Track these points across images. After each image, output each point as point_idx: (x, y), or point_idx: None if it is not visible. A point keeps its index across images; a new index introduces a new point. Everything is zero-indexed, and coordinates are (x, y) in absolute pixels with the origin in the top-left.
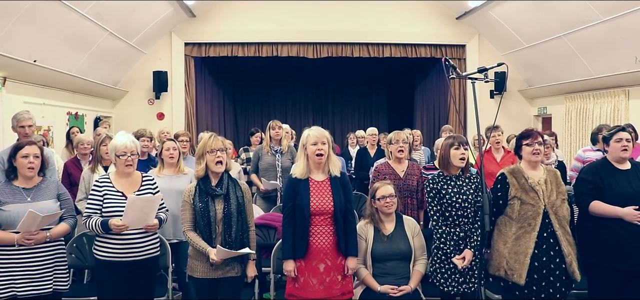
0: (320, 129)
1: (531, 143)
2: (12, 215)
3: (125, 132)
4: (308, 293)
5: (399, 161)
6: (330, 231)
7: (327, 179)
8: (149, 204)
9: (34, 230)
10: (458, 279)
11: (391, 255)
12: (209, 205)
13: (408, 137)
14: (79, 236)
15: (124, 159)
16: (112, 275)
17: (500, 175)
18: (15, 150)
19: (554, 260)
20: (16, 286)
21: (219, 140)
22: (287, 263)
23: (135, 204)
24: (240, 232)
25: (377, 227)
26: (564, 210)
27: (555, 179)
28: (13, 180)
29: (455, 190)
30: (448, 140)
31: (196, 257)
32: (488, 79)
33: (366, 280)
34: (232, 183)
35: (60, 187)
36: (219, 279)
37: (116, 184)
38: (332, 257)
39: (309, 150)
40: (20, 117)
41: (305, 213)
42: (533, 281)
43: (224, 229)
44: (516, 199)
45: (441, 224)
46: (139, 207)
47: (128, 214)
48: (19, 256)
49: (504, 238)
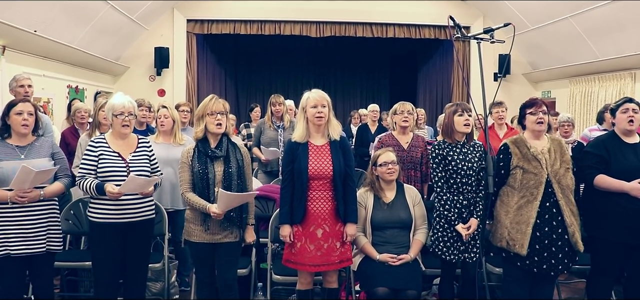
0: (320, 92)
1: (535, 111)
2: (6, 172)
3: (123, 93)
4: (305, 259)
5: (403, 132)
6: (329, 196)
7: (327, 143)
8: (149, 183)
9: (27, 188)
10: (459, 248)
11: (391, 223)
12: (207, 166)
13: (413, 109)
14: (75, 202)
15: (121, 119)
16: (107, 237)
17: (502, 145)
18: (8, 107)
19: (556, 231)
20: (10, 245)
21: (219, 103)
22: (283, 228)
23: (135, 181)
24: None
25: (377, 194)
26: (568, 180)
27: (559, 148)
28: (7, 138)
29: (461, 158)
30: (451, 108)
31: (193, 221)
32: (494, 39)
33: (365, 248)
34: (231, 146)
35: (54, 146)
36: (216, 243)
37: (112, 145)
38: (331, 223)
39: (309, 113)
40: (18, 77)
41: (304, 177)
42: (535, 252)
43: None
44: (518, 169)
45: (446, 191)
46: (139, 184)
47: (126, 186)
48: (13, 214)
49: (506, 208)
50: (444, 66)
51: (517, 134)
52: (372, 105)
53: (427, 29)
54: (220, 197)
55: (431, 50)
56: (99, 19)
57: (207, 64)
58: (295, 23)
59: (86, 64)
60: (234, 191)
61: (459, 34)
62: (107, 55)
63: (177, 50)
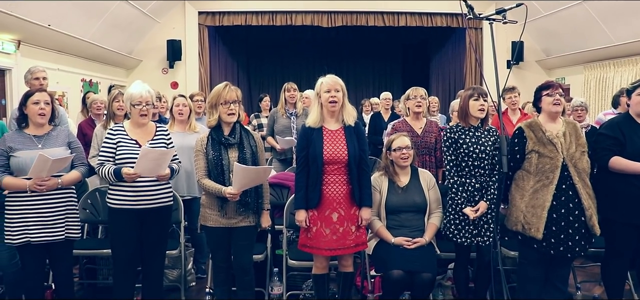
0: (334, 77)
1: (552, 93)
2: (24, 161)
3: (141, 82)
4: (321, 243)
5: (416, 117)
6: (344, 180)
7: (341, 128)
8: (162, 155)
9: (45, 176)
10: (471, 231)
11: (406, 207)
12: (221, 153)
13: (426, 94)
14: (92, 191)
15: (139, 109)
16: (125, 222)
17: (517, 129)
18: (25, 97)
19: (573, 213)
20: (30, 232)
21: (233, 92)
22: (299, 213)
23: (148, 154)
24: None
25: (391, 179)
26: (584, 163)
27: (575, 131)
28: (24, 128)
29: (473, 141)
30: (467, 92)
31: (209, 207)
32: (506, 20)
33: (380, 232)
34: (245, 132)
35: (71, 135)
36: (232, 228)
37: (130, 133)
38: (346, 207)
39: (323, 98)
40: (33, 69)
41: (319, 162)
42: (551, 234)
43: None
44: (534, 153)
45: (454, 175)
46: (152, 158)
47: (140, 164)
48: (32, 203)
49: (521, 192)
50: (456, 54)
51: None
52: (385, 93)
53: (439, 17)
54: (236, 172)
55: (443, 39)
56: (111, 12)
57: (219, 56)
58: (306, 13)
59: (99, 57)
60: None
61: (471, 14)
62: (120, 49)
63: (189, 43)
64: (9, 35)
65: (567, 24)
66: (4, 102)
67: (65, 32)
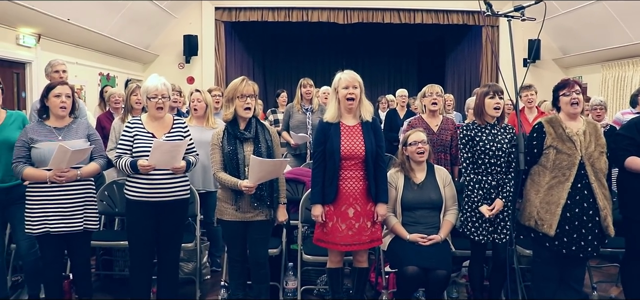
0: (352, 73)
1: (568, 92)
2: (44, 153)
3: (157, 75)
4: (336, 238)
5: (432, 115)
6: (360, 176)
7: (359, 124)
8: (175, 148)
9: (64, 167)
10: (488, 228)
11: (421, 203)
12: (237, 148)
13: (442, 91)
14: (109, 183)
15: (155, 102)
16: (141, 214)
17: (537, 124)
18: (47, 90)
19: (587, 213)
20: (49, 223)
21: (250, 86)
22: (315, 208)
23: (161, 147)
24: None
25: (407, 175)
26: (602, 163)
27: (595, 131)
28: (45, 120)
29: (490, 138)
30: (483, 89)
31: (225, 200)
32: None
33: (395, 228)
34: (260, 127)
35: (90, 127)
36: (247, 222)
37: (147, 126)
38: (362, 203)
39: (340, 94)
40: (54, 62)
41: (336, 157)
42: (564, 233)
43: None
44: (552, 148)
45: (470, 172)
46: (165, 150)
47: (154, 156)
48: (51, 193)
49: (537, 187)
50: (472, 52)
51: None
52: (401, 90)
53: (455, 15)
54: (252, 165)
55: (459, 36)
56: (129, 7)
57: (235, 52)
58: (322, 10)
59: (117, 52)
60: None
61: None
62: (137, 44)
63: (205, 38)
64: (29, 29)
65: (584, 22)
66: (25, 95)
67: (84, 27)
